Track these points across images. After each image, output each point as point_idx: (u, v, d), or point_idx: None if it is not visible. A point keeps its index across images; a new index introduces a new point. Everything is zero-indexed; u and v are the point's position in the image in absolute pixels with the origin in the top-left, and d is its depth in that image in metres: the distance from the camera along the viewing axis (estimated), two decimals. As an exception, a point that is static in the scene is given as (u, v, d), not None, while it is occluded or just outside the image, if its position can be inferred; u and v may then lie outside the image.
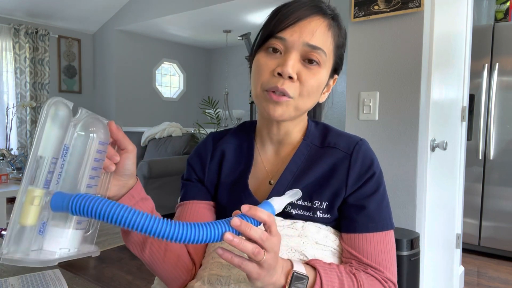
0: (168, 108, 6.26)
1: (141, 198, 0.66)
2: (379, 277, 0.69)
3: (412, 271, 1.27)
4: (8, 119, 4.62)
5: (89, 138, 0.52)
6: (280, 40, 0.67)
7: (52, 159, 0.49)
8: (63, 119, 0.49)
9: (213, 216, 0.80)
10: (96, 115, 0.55)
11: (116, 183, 0.61)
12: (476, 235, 2.99)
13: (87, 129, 0.52)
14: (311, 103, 0.72)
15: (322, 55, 0.68)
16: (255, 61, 0.71)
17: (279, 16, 0.68)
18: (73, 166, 0.51)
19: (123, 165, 0.60)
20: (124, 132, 0.59)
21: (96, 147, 0.53)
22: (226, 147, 0.81)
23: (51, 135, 0.48)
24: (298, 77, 0.67)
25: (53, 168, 0.49)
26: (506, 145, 2.88)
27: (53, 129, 0.49)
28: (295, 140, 0.78)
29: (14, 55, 4.82)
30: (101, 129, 0.54)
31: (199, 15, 4.66)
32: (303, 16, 0.67)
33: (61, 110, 0.49)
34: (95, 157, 0.53)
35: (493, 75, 2.88)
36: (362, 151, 0.73)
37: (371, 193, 0.72)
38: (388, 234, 0.72)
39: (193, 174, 0.82)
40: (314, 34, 0.67)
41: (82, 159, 0.52)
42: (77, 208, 0.47)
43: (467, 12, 2.13)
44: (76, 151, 0.52)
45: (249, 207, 0.52)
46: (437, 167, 1.73)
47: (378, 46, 1.55)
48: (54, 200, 0.48)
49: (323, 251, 0.70)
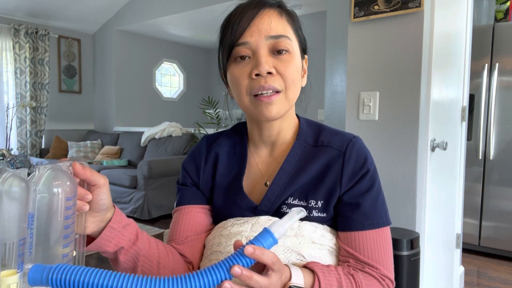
0: (168, 108, 6.26)
1: (122, 226, 0.65)
2: (376, 275, 0.69)
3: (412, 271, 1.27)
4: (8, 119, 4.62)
5: (53, 196, 0.48)
6: (244, 45, 0.68)
7: (19, 241, 0.45)
8: (21, 193, 0.44)
9: (209, 220, 0.80)
10: (56, 165, 0.50)
11: (93, 220, 0.60)
12: (476, 235, 2.98)
13: (49, 186, 0.48)
14: (297, 91, 0.73)
15: (287, 41, 0.69)
16: (230, 75, 0.72)
17: (231, 26, 0.69)
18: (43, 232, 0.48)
19: (97, 201, 0.58)
20: (90, 168, 0.57)
21: (64, 205, 0.49)
22: (220, 149, 0.81)
23: (11, 216, 0.44)
24: (276, 70, 0.68)
25: (22, 249, 0.45)
26: (506, 145, 2.88)
27: (12, 208, 0.44)
28: (287, 140, 0.77)
29: (14, 55, 4.82)
30: (66, 181, 0.49)
31: (199, 15, 4.65)
32: (253, 15, 0.69)
33: (14, 186, 0.44)
34: (65, 215, 0.49)
35: (493, 75, 2.88)
36: (356, 149, 0.73)
37: (365, 191, 0.72)
38: (384, 231, 0.72)
39: (188, 178, 0.81)
40: (271, 25, 0.68)
41: (50, 223, 0.48)
42: (57, 281, 0.44)
43: (467, 12, 2.13)
44: (42, 216, 0.48)
45: (254, 249, 0.48)
46: (437, 167, 1.73)
47: (378, 46, 1.55)
48: (32, 275, 0.45)
49: (320, 250, 0.70)
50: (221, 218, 0.77)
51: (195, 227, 0.78)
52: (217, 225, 0.77)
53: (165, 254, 0.73)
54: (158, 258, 0.71)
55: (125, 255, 0.66)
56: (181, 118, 6.20)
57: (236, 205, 0.75)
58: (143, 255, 0.68)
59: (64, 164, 0.52)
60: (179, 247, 0.77)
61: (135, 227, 0.68)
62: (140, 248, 0.68)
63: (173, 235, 0.79)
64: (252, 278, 0.49)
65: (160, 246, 0.73)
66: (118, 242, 0.64)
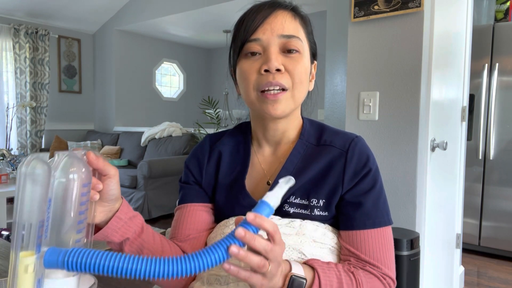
0: (168, 108, 6.26)
1: (129, 217, 0.66)
2: (377, 274, 0.70)
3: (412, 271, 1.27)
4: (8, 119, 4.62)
5: (70, 182, 0.49)
6: (256, 42, 0.69)
7: (38, 223, 0.46)
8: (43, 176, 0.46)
9: (211, 219, 0.81)
10: (73, 152, 0.52)
11: (101, 209, 0.61)
12: (476, 235, 2.98)
13: (67, 172, 0.49)
14: (304, 91, 0.73)
15: (298, 42, 0.70)
16: (239, 70, 0.73)
17: (245, 23, 0.71)
18: (58, 217, 0.49)
19: (107, 191, 0.59)
20: (103, 158, 0.58)
21: (80, 191, 0.50)
22: (223, 148, 0.81)
23: (33, 198, 0.45)
24: (285, 68, 0.69)
25: (41, 231, 0.47)
26: (506, 145, 2.87)
27: (34, 190, 0.45)
28: (291, 139, 0.78)
29: (14, 55, 4.82)
30: (82, 168, 0.50)
31: (199, 15, 4.66)
32: (267, 14, 0.70)
33: (38, 168, 0.45)
34: (80, 201, 0.50)
35: (493, 75, 2.88)
36: (358, 148, 0.74)
37: (367, 190, 0.72)
38: (386, 230, 0.72)
39: (191, 177, 0.82)
40: (284, 25, 0.70)
41: (66, 208, 0.49)
42: (72, 264, 0.46)
43: (467, 12, 2.13)
44: (58, 201, 0.49)
45: (255, 216, 0.49)
46: (437, 167, 1.73)
47: (378, 46, 1.55)
48: (48, 258, 0.46)
49: (321, 249, 0.71)
50: (223, 217, 0.78)
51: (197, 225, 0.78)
52: (219, 224, 0.77)
53: (168, 248, 0.73)
54: (161, 252, 0.71)
55: (130, 246, 0.67)
56: (181, 118, 6.20)
57: (238, 204, 0.75)
58: (147, 247, 0.69)
59: (79, 153, 0.53)
60: (180, 244, 0.78)
61: (141, 220, 0.69)
62: (144, 240, 0.69)
63: (175, 232, 0.80)
64: (255, 238, 0.49)
65: (164, 241, 0.74)
66: (124, 232, 0.65)
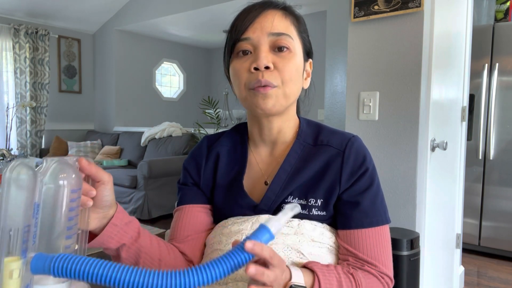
0: (168, 108, 6.26)
1: (125, 223, 0.66)
2: (375, 273, 0.70)
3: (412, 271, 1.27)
4: (8, 119, 4.62)
5: (59, 188, 0.49)
6: (246, 41, 0.70)
7: (24, 227, 0.45)
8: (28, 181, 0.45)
9: (210, 220, 0.81)
10: (63, 158, 0.51)
11: (96, 216, 0.60)
12: (476, 235, 2.98)
13: (56, 178, 0.49)
14: (297, 89, 0.73)
15: (288, 39, 0.70)
16: (232, 70, 0.74)
17: (237, 24, 0.72)
18: (47, 223, 0.49)
19: (101, 197, 0.59)
20: (96, 165, 0.58)
21: (69, 197, 0.50)
22: (221, 149, 0.82)
23: (17, 202, 0.45)
24: (274, 66, 0.69)
25: (27, 236, 0.46)
26: (506, 145, 2.87)
27: (19, 195, 0.45)
28: (288, 139, 0.78)
29: (14, 55, 4.82)
30: (71, 174, 0.50)
31: (199, 15, 4.65)
32: (257, 14, 0.71)
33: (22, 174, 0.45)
34: (69, 207, 0.50)
35: (493, 75, 2.88)
36: (355, 148, 0.74)
37: (364, 189, 0.72)
38: (383, 229, 0.73)
39: (189, 178, 0.82)
40: (273, 23, 0.70)
41: (55, 214, 0.49)
42: (59, 270, 0.45)
43: (467, 12, 2.13)
44: (47, 207, 0.49)
45: (253, 244, 0.48)
46: (437, 167, 1.73)
47: (378, 46, 1.55)
48: (34, 263, 0.46)
49: (320, 248, 0.71)
50: (221, 217, 0.78)
51: (195, 226, 0.79)
52: (218, 224, 0.78)
53: (166, 251, 0.74)
54: (159, 256, 0.71)
55: (127, 252, 0.67)
56: (181, 118, 6.19)
57: (237, 204, 0.76)
58: (145, 252, 0.69)
59: (70, 159, 0.53)
60: (179, 245, 0.78)
61: (137, 225, 0.69)
62: (142, 245, 0.69)
63: (174, 234, 0.80)
64: (264, 273, 0.50)
65: (161, 244, 0.74)
66: (120, 238, 0.65)
